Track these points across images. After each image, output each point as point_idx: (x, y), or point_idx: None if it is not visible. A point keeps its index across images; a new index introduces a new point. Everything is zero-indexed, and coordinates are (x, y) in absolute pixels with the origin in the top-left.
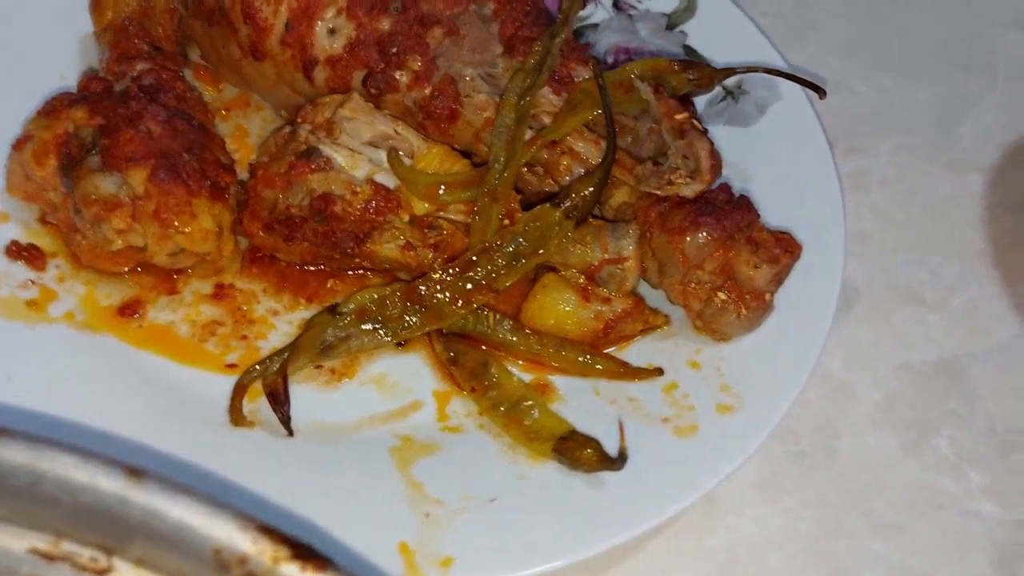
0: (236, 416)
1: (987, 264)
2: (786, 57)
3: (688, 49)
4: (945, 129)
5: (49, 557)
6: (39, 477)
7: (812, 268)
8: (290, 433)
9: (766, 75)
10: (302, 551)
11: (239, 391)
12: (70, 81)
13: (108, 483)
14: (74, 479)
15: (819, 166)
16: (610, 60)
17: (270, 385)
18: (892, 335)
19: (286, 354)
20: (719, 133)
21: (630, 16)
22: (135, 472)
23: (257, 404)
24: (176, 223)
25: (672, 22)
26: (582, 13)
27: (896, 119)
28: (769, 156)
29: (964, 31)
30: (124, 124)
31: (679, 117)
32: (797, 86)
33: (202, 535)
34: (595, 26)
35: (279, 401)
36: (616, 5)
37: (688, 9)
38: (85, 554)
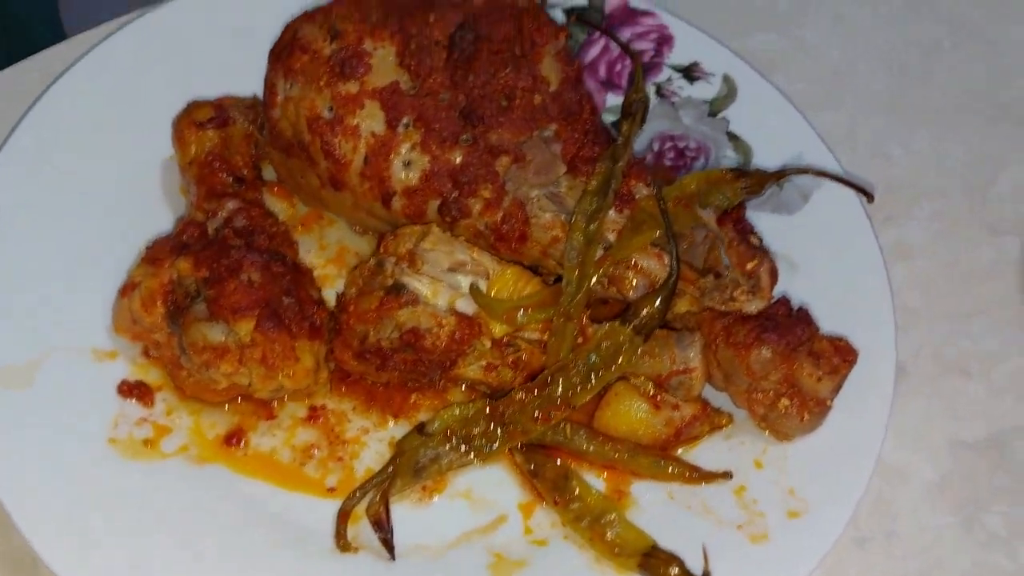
0: (342, 543)
1: None
2: (825, 124)
3: (731, 136)
4: (981, 190)
5: None
6: None
7: (865, 361)
8: (393, 557)
9: (810, 162)
10: None
11: (343, 518)
12: (153, 203)
13: None
14: None
15: (865, 253)
16: (656, 147)
17: (374, 514)
18: (941, 410)
19: (384, 479)
20: (765, 221)
21: (672, 103)
22: None
23: (358, 527)
24: (282, 368)
25: (714, 108)
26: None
27: (932, 183)
28: (815, 245)
29: (991, 81)
30: (227, 275)
31: (741, 240)
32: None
33: None
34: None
35: (383, 528)
36: (659, 92)
37: (729, 95)
38: None
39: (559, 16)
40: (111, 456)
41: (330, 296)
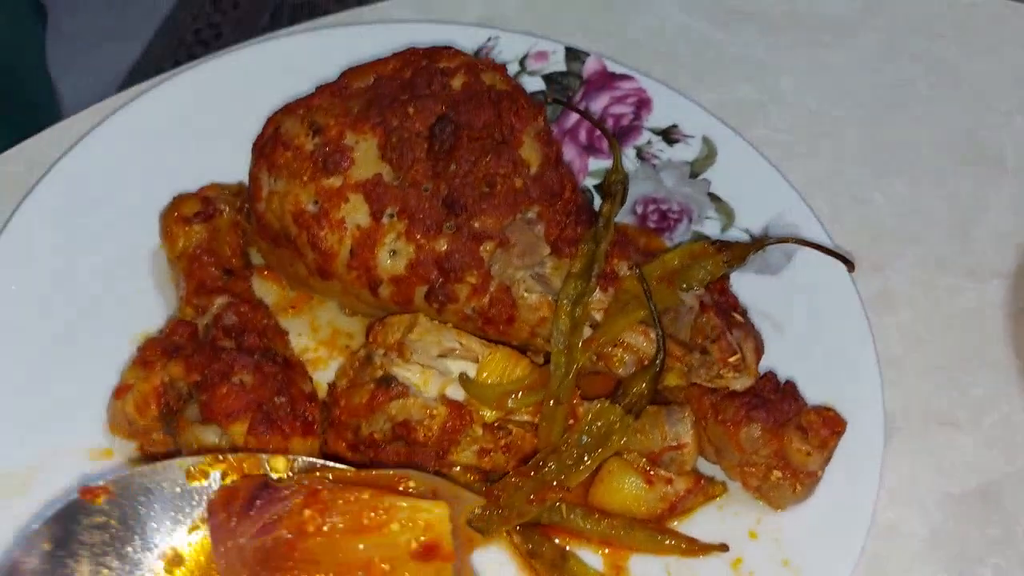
0: None
1: (1014, 377)
2: (805, 172)
3: (712, 196)
4: (962, 232)
5: None
6: None
7: (854, 422)
8: None
9: (792, 221)
10: None
11: None
12: (145, 293)
13: None
14: None
15: (848, 313)
16: (639, 210)
17: None
18: (931, 465)
19: None
20: (749, 282)
21: (654, 166)
22: None
23: None
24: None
25: (694, 170)
26: (607, 164)
27: (913, 229)
28: (799, 305)
29: (967, 121)
30: (219, 379)
31: (724, 321)
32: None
33: None
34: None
35: None
36: (640, 155)
37: (708, 156)
38: None
39: (539, 83)
40: None
41: (322, 378)
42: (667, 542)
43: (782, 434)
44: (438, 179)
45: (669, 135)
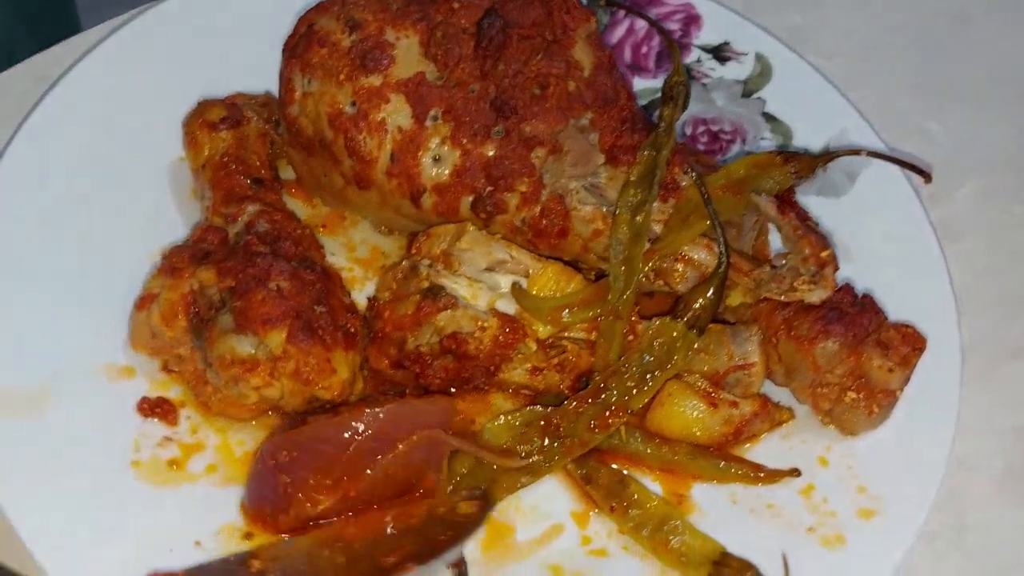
0: None
1: None
2: (855, 102)
3: (768, 117)
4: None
5: None
6: None
7: (929, 348)
8: None
9: (853, 141)
10: None
11: None
12: (164, 208)
13: None
14: None
15: (919, 234)
16: (688, 131)
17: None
18: (1003, 396)
19: None
20: (811, 206)
21: (704, 85)
22: None
23: None
24: (317, 380)
25: (748, 89)
26: (655, 84)
27: (973, 160)
28: (865, 228)
29: None
30: (255, 284)
31: (804, 225)
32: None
33: None
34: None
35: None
36: (689, 74)
37: (763, 75)
38: None
39: None
40: (134, 481)
41: (358, 300)
42: (734, 469)
43: (861, 350)
44: (486, 79)
45: (720, 52)
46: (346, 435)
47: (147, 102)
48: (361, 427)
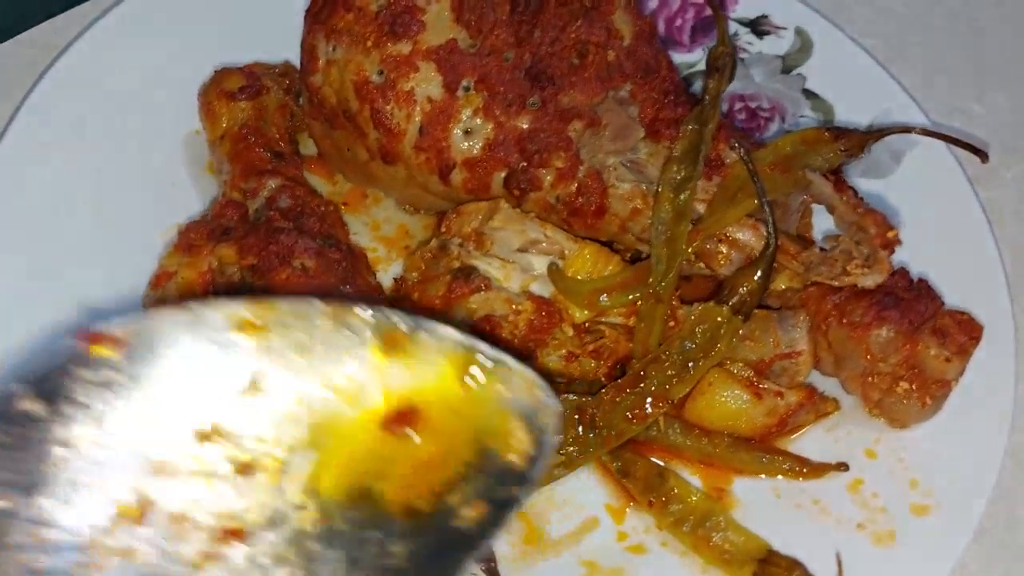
0: None
1: None
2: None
3: (808, 93)
4: None
5: None
6: None
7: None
8: None
9: (898, 119)
10: None
11: None
12: (179, 182)
13: None
14: None
15: (968, 217)
16: (725, 108)
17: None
18: None
19: None
20: (855, 186)
21: (742, 60)
22: None
23: None
24: None
25: (787, 65)
26: (690, 58)
27: (1017, 142)
28: (912, 210)
29: None
30: (278, 263)
31: (861, 204)
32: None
33: None
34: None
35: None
36: None
37: (803, 50)
38: None
39: None
40: None
41: (384, 281)
42: (777, 462)
43: (916, 338)
44: (521, 47)
45: (758, 26)
46: None
47: (160, 72)
48: None
